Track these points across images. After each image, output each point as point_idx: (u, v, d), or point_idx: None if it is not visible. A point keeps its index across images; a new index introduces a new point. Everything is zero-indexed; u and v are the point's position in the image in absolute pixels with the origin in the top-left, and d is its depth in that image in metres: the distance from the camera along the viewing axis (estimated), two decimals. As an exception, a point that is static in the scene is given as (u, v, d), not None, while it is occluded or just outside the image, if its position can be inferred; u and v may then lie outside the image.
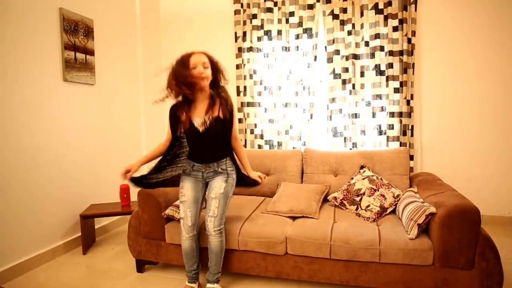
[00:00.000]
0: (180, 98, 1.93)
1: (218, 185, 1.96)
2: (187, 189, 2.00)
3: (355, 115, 3.28)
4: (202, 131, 1.90)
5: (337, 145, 3.33)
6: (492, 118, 3.09)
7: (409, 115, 3.14)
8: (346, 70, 3.26)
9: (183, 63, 1.84)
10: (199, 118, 1.91)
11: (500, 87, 3.05)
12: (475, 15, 3.06)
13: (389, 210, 2.28)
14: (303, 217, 2.28)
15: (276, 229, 2.10)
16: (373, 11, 3.15)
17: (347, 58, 3.24)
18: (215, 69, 1.92)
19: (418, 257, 1.82)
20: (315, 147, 3.14)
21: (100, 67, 3.07)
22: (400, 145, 3.15)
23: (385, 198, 2.30)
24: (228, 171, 2.01)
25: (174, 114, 1.96)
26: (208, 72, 1.87)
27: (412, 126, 3.19)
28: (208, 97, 1.94)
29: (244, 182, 2.13)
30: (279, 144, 3.51)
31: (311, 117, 3.39)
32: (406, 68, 3.10)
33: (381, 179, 2.47)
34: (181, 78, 1.80)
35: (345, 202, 2.40)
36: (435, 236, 1.81)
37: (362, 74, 3.24)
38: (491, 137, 3.11)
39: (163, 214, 2.24)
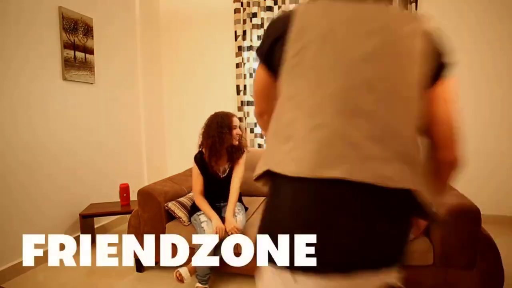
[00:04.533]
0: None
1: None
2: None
3: (355, 114, 3.26)
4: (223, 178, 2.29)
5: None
6: (493, 117, 3.09)
7: (409, 114, 3.13)
8: (346, 69, 3.24)
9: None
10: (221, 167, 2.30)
11: (503, 85, 3.04)
12: (476, 13, 3.04)
13: (389, 210, 2.27)
14: (303, 216, 2.27)
15: (276, 228, 2.08)
16: (374, 10, 3.14)
17: (347, 57, 3.23)
18: None
19: (418, 257, 1.81)
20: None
21: (99, 66, 3.06)
22: (400, 145, 3.14)
23: (386, 198, 2.29)
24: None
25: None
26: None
27: (413, 125, 3.18)
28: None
29: None
30: (279, 143, 3.50)
31: (311, 116, 3.38)
32: (406, 67, 3.09)
33: (381, 178, 2.46)
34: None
35: (345, 202, 2.39)
36: (435, 236, 1.81)
37: (362, 73, 3.22)
38: (491, 136, 3.10)
39: (165, 205, 2.26)
